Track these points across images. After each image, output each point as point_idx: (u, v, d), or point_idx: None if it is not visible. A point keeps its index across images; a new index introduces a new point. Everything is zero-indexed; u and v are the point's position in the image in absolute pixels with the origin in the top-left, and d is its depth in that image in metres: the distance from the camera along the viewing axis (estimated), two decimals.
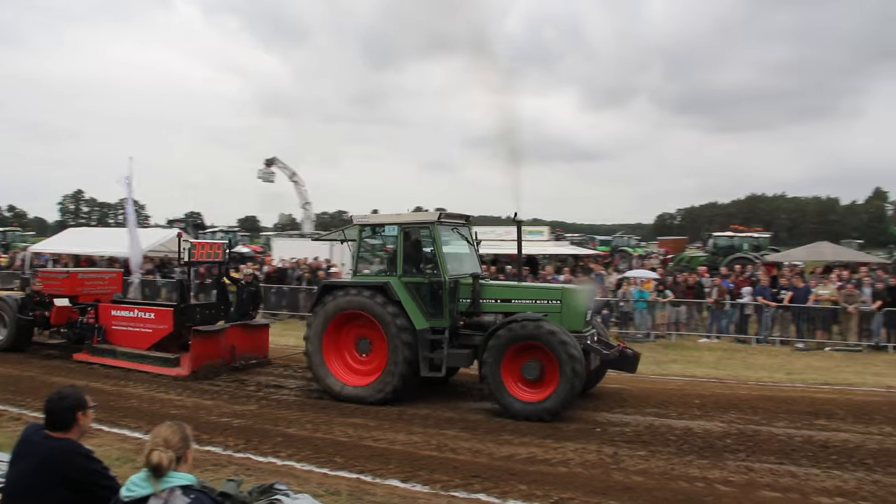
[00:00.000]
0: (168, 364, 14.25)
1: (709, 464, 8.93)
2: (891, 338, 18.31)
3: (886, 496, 7.85)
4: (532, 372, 11.19)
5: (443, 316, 12.11)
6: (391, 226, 12.59)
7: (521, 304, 12.17)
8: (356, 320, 12.42)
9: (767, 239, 39.98)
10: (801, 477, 8.46)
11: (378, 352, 12.29)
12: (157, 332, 14.88)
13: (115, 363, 14.78)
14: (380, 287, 12.08)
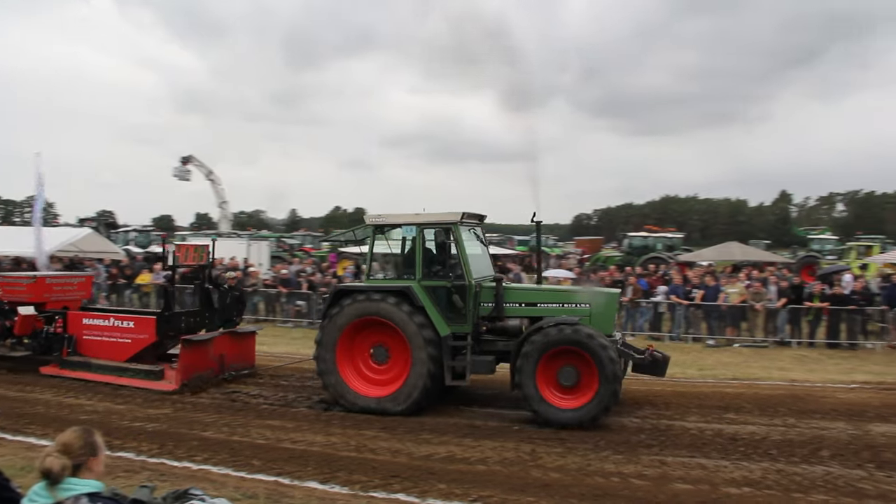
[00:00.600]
0: (152, 377, 13.16)
1: (624, 459, 9.17)
2: (794, 334, 19.08)
3: (789, 484, 8.22)
4: (569, 378, 10.74)
5: (465, 321, 11.55)
6: (408, 226, 11.89)
7: (548, 307, 11.73)
8: (371, 327, 11.73)
9: (680, 239, 41.08)
10: (711, 469, 8.78)
11: (397, 360, 11.69)
12: (137, 343, 13.69)
13: (89, 377, 13.44)
14: (401, 292, 11.44)
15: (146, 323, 13.77)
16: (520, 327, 11.73)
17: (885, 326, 18.97)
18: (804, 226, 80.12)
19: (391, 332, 11.54)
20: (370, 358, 11.92)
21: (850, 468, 8.83)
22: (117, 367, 13.46)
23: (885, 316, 18.92)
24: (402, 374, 11.49)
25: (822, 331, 19.08)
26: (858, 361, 16.68)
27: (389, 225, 12.15)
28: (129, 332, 13.75)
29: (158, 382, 13.03)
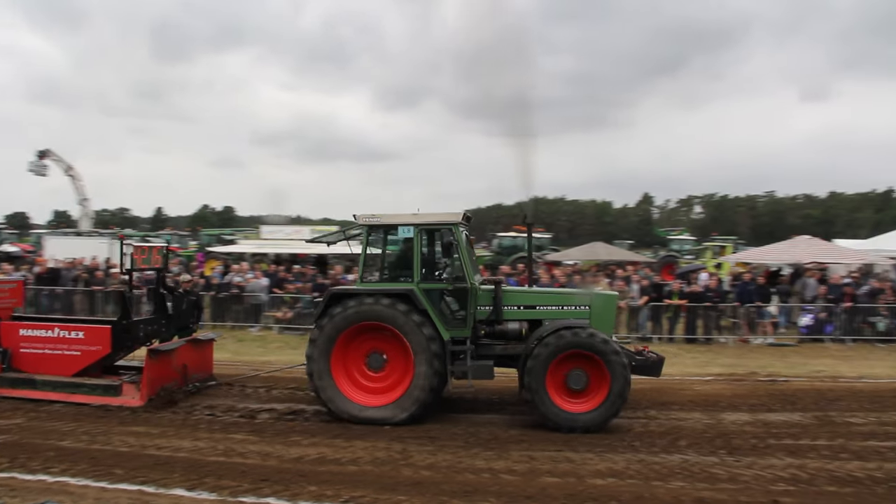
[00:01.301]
0: (110, 392, 11.98)
1: (494, 455, 9.35)
2: (655, 330, 19.94)
3: (649, 473, 8.64)
4: (579, 381, 10.62)
5: (465, 325, 11.21)
6: (406, 226, 11.34)
7: (547, 310, 11.62)
8: (366, 332, 11.16)
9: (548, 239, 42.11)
10: (578, 462, 9.09)
11: (395, 366, 11.18)
12: (87, 355, 12.41)
13: (34, 395, 12.08)
14: (403, 295, 10.99)
15: (99, 333, 12.50)
16: (520, 331, 11.56)
17: (737, 322, 20.12)
18: (665, 227, 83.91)
19: (389, 338, 11.07)
20: (365, 365, 11.32)
21: (704, 455, 9.37)
22: (68, 384, 12.16)
23: (737, 312, 20.07)
24: (401, 381, 11.05)
25: (681, 327, 20.02)
26: (713, 355, 17.61)
27: (385, 225, 11.57)
28: (78, 343, 12.45)
29: (118, 398, 11.92)
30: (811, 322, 19.71)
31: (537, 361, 10.52)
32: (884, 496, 7.98)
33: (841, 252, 25.75)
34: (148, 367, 11.98)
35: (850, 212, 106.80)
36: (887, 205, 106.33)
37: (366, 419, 10.84)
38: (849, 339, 19.33)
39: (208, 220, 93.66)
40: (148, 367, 11.98)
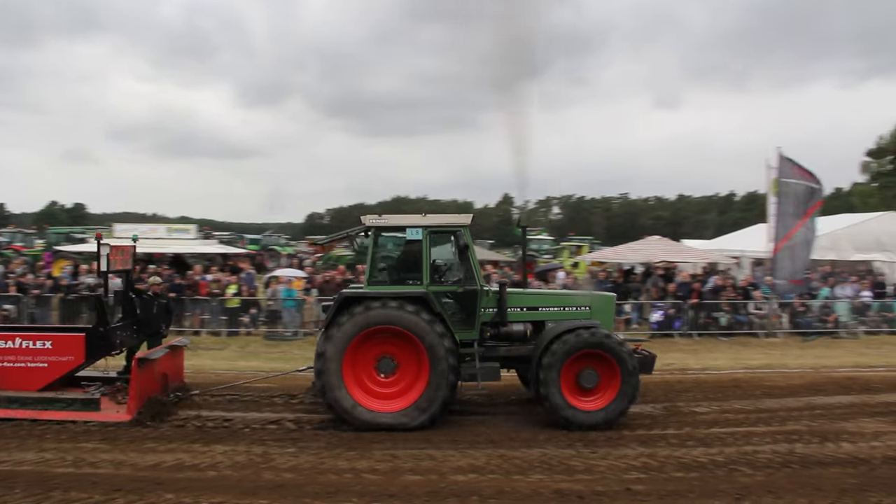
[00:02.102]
0: (90, 407, 11.05)
1: (357, 455, 9.32)
2: None
3: (510, 468, 8.85)
4: (591, 380, 10.75)
5: (473, 327, 11.14)
6: (414, 229, 11.13)
7: (550, 311, 11.72)
8: (375, 337, 10.84)
9: None
10: (440, 459, 9.20)
11: (406, 371, 10.91)
12: (56, 367, 11.36)
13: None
14: (418, 298, 10.76)
15: (71, 342, 11.50)
16: (524, 332, 11.58)
17: None
18: None
19: (401, 342, 10.83)
20: (375, 371, 10.99)
21: (562, 448, 9.70)
22: (39, 399, 11.06)
23: None
24: (413, 386, 10.82)
25: None
26: None
27: (392, 227, 11.39)
28: (45, 353, 11.33)
29: (100, 413, 10.96)
30: (661, 318, 20.73)
31: (554, 359, 10.60)
32: (723, 478, 8.50)
33: (688, 251, 27.24)
34: (136, 377, 11.03)
35: (696, 214, 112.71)
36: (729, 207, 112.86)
37: (381, 425, 10.53)
38: (695, 334, 20.43)
39: (57, 217, 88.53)
40: (136, 377, 11.03)
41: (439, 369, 10.57)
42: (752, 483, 8.34)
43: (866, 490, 8.09)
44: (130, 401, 10.96)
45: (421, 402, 10.63)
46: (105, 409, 11.08)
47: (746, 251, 26.01)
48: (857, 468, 8.99)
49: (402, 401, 10.75)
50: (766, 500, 7.77)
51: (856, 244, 27.32)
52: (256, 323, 20.47)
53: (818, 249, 24.51)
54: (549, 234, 60.51)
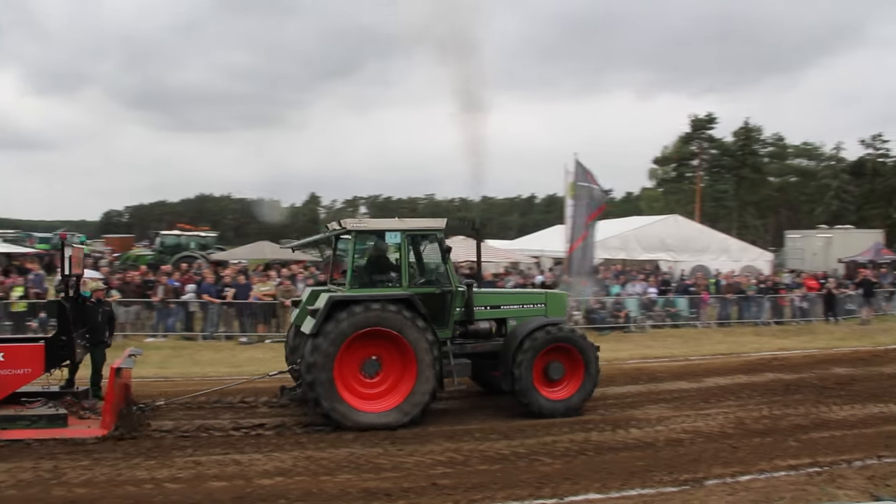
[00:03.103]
0: (56, 423, 10.06)
1: (157, 464, 8.88)
2: None
3: (318, 469, 8.81)
4: (558, 372, 11.57)
5: (447, 326, 11.46)
6: (393, 232, 11.47)
7: (510, 309, 12.38)
8: (360, 339, 10.82)
9: (214, 238, 41.11)
10: (246, 463, 8.97)
11: (390, 371, 11.08)
12: (11, 381, 10.31)
13: None
14: (404, 300, 10.87)
15: (28, 352, 10.52)
16: (489, 329, 12.18)
17: None
18: None
19: (386, 343, 10.98)
20: (360, 372, 11.01)
21: (369, 447, 9.74)
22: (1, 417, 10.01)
23: None
24: (396, 386, 11.01)
25: None
26: None
27: (374, 231, 11.72)
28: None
29: (70, 430, 10.04)
30: None
31: (528, 354, 11.30)
32: (525, 469, 8.91)
33: (492, 252, 28.19)
34: (113, 388, 10.18)
35: (500, 215, 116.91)
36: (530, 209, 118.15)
37: (371, 425, 10.56)
38: None
39: None
40: (113, 388, 10.18)
41: (425, 364, 10.85)
42: (551, 471, 8.78)
43: (651, 470, 8.75)
44: (106, 415, 10.20)
45: (413, 397, 10.86)
46: (73, 424, 10.34)
47: (546, 251, 27.28)
48: (644, 451, 9.70)
49: (390, 399, 10.96)
50: (564, 486, 8.19)
51: (644, 245, 29.50)
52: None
53: (610, 249, 26.19)
54: None
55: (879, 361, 17.08)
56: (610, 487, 8.19)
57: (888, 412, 12.05)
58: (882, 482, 8.42)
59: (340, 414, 10.60)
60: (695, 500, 7.84)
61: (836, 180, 60.04)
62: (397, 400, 10.91)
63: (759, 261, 32.43)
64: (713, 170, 63.04)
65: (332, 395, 10.57)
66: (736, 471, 8.81)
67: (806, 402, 12.60)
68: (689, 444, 10.07)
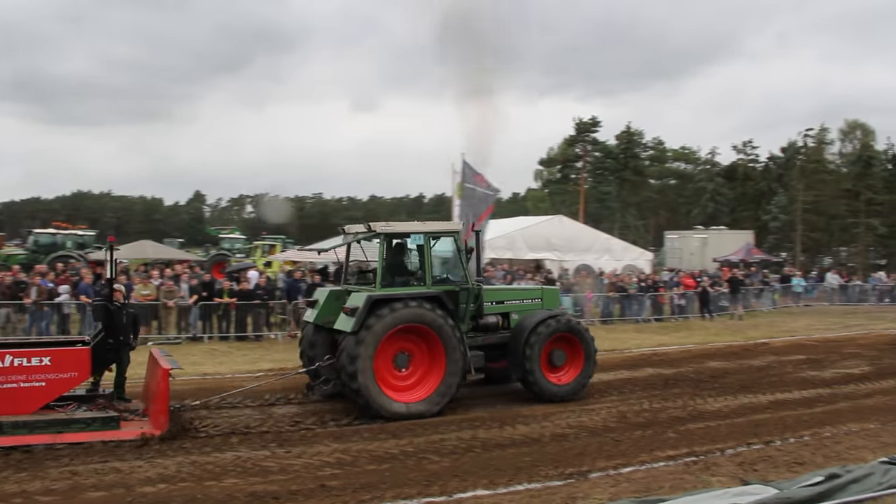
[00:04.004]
0: (109, 425, 10.03)
1: (28, 476, 8.43)
2: (206, 329, 19.78)
3: (202, 474, 8.59)
4: (561, 359, 12.67)
5: (464, 321, 12.28)
6: (417, 234, 12.40)
7: (512, 304, 13.36)
8: (394, 335, 11.50)
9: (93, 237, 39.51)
10: (126, 471, 8.63)
11: (419, 363, 11.88)
12: (57, 385, 10.27)
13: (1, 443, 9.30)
14: (435, 298, 11.72)
15: (74, 356, 10.54)
16: (497, 323, 13.04)
17: (286, 318, 20.84)
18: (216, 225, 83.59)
19: (415, 338, 11.75)
20: (393, 366, 11.69)
21: (256, 450, 9.57)
22: (53, 422, 9.90)
23: (286, 308, 20.78)
24: (425, 378, 11.77)
25: (233, 325, 20.10)
26: (263, 351, 18.04)
27: (399, 233, 12.48)
28: (43, 371, 10.18)
29: (124, 431, 10.06)
30: None
31: (537, 343, 12.34)
32: (413, 467, 8.96)
33: None
34: (167, 388, 10.25)
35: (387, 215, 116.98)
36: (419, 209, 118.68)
37: (405, 415, 11.24)
38: None
39: None
40: (167, 388, 10.25)
41: (454, 358, 11.66)
42: (439, 469, 8.85)
43: (537, 465, 8.95)
44: (160, 415, 10.30)
45: (441, 388, 11.62)
46: (126, 426, 10.36)
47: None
48: (530, 447, 9.92)
49: (419, 391, 11.71)
50: (452, 483, 8.27)
51: (529, 244, 30.07)
52: None
53: (497, 249, 26.58)
54: (241, 233, 59.22)
55: (749, 355, 18.07)
56: (497, 483, 8.32)
57: (757, 402, 12.75)
58: (750, 468, 8.92)
59: (379, 405, 11.22)
60: (579, 492, 8.05)
61: (711, 183, 62.68)
62: (427, 391, 11.67)
63: (640, 260, 33.63)
64: (597, 172, 64.79)
65: (373, 386, 11.18)
66: (618, 463, 9.12)
67: (683, 396, 13.17)
68: (574, 439, 10.36)
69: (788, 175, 54.96)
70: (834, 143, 62.70)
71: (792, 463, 9.14)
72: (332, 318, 12.04)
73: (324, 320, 12.41)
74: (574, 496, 7.92)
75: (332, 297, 12.63)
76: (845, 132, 64.75)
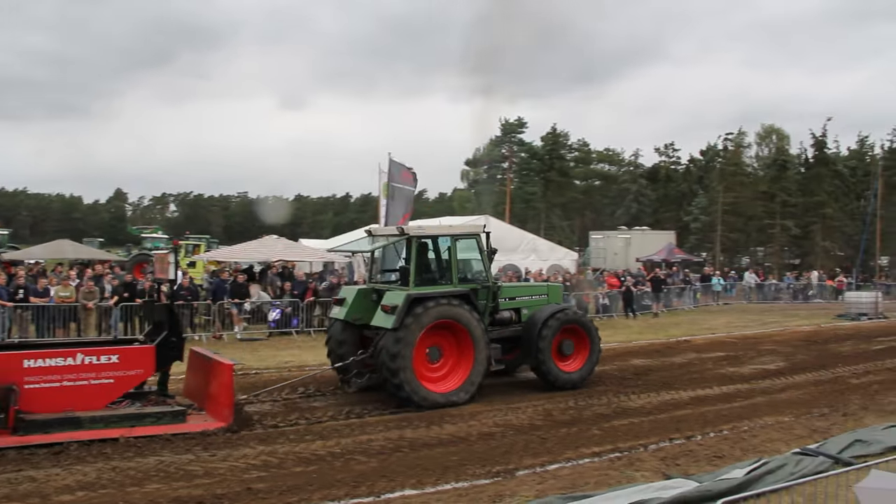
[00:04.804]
0: (178, 419, 10.60)
1: None
2: (128, 331, 19.24)
3: (124, 480, 8.35)
4: (570, 348, 13.81)
5: (484, 316, 13.17)
6: (444, 237, 13.30)
7: (523, 300, 14.33)
8: (428, 330, 12.30)
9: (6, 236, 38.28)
10: (42, 479, 8.32)
11: (448, 356, 12.78)
12: (124, 382, 10.81)
13: (81, 436, 9.73)
14: (464, 295, 12.74)
15: (141, 354, 11.09)
16: (510, 318, 13.99)
17: (209, 318, 20.47)
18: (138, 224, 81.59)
19: (448, 332, 12.63)
20: (426, 359, 12.49)
21: (180, 454, 9.36)
22: (127, 416, 10.43)
23: (210, 309, 20.41)
24: (455, 370, 12.69)
25: None
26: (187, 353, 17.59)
27: (431, 236, 13.49)
28: (112, 368, 10.69)
29: (191, 424, 10.60)
30: (278, 316, 20.95)
31: (549, 334, 13.37)
32: (341, 469, 8.90)
33: (306, 251, 27.86)
34: (231, 384, 10.90)
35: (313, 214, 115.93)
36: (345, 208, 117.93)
37: (448, 403, 12.18)
38: (312, 331, 20.97)
39: None
40: (231, 384, 10.90)
41: (481, 351, 12.61)
42: (367, 470, 8.82)
43: (465, 464, 9.00)
44: (225, 408, 10.77)
45: (471, 378, 12.53)
46: (191, 419, 10.84)
47: (360, 250, 27.30)
48: (457, 446, 9.96)
49: (451, 381, 12.59)
50: (380, 484, 8.24)
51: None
52: None
53: None
54: (164, 233, 57.94)
55: (671, 352, 18.54)
56: (425, 483, 8.33)
57: (679, 398, 13.08)
58: (673, 462, 9.14)
59: (420, 396, 12.02)
60: (506, 490, 8.11)
61: (634, 185, 63.99)
62: (458, 381, 12.55)
63: (566, 260, 34.13)
64: (523, 172, 65.43)
65: (413, 379, 11.96)
66: (545, 460, 9.24)
67: (608, 393, 13.42)
68: (501, 437, 10.44)
69: (708, 177, 56.45)
70: (751, 147, 64.96)
71: (712, 457, 9.40)
72: (361, 315, 13.11)
73: (353, 317, 13.28)
74: (501, 494, 7.99)
75: (360, 296, 13.44)
76: (762, 136, 67.10)
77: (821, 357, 17.90)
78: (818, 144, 52.01)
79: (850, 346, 19.94)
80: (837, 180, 51.62)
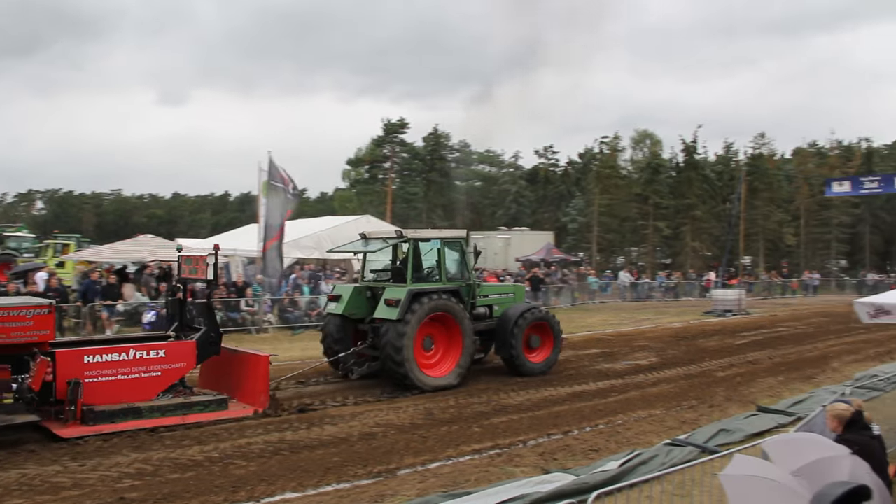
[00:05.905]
0: (222, 406, 11.64)
1: None
2: None
3: None
4: (537, 342, 15.45)
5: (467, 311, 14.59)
6: (435, 240, 14.75)
7: (496, 298, 15.93)
8: (426, 321, 13.68)
9: None
10: None
11: (439, 346, 14.27)
12: (170, 374, 11.56)
13: (139, 425, 10.58)
14: (455, 291, 14.40)
15: (184, 349, 11.88)
16: (486, 314, 15.52)
17: (80, 321, 19.59)
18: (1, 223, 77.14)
19: (440, 324, 14.07)
20: (422, 347, 13.80)
21: (46, 466, 8.89)
22: (180, 405, 11.30)
23: (81, 311, 19.54)
24: (447, 356, 14.20)
25: None
26: None
27: (425, 239, 14.93)
28: (159, 362, 11.49)
29: (230, 411, 11.67)
30: (153, 318, 20.25)
31: (520, 329, 14.90)
32: (219, 474, 8.72)
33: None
34: (267, 372, 12.07)
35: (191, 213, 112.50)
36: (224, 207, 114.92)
37: (443, 386, 13.65)
38: None
39: None
40: (267, 372, 12.07)
41: (468, 341, 14.14)
42: (246, 474, 8.68)
43: (346, 465, 9.01)
44: (262, 395, 11.92)
45: (461, 363, 14.06)
46: (233, 406, 11.87)
47: (239, 250, 26.76)
48: (338, 447, 9.93)
49: (442, 367, 14.07)
50: (260, 488, 8.14)
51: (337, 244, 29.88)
52: None
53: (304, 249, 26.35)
54: (30, 232, 54.99)
55: None
56: (306, 485, 8.28)
57: (556, 395, 13.46)
58: (551, 457, 9.42)
59: (421, 381, 13.45)
60: (388, 490, 8.16)
61: (514, 186, 65.21)
62: (449, 368, 14.02)
63: None
64: (404, 172, 65.50)
65: (414, 366, 13.35)
66: (426, 459, 9.35)
67: (488, 391, 13.65)
68: (382, 437, 10.47)
69: (585, 179, 58.09)
70: (626, 151, 67.25)
71: (588, 450, 9.75)
72: (357, 311, 14.58)
73: (349, 312, 14.53)
74: (383, 494, 8.03)
75: (355, 292, 14.73)
76: (636, 141, 69.63)
77: (689, 352, 18.81)
78: (688, 150, 54.18)
79: (717, 342, 20.98)
80: (706, 184, 53.93)
